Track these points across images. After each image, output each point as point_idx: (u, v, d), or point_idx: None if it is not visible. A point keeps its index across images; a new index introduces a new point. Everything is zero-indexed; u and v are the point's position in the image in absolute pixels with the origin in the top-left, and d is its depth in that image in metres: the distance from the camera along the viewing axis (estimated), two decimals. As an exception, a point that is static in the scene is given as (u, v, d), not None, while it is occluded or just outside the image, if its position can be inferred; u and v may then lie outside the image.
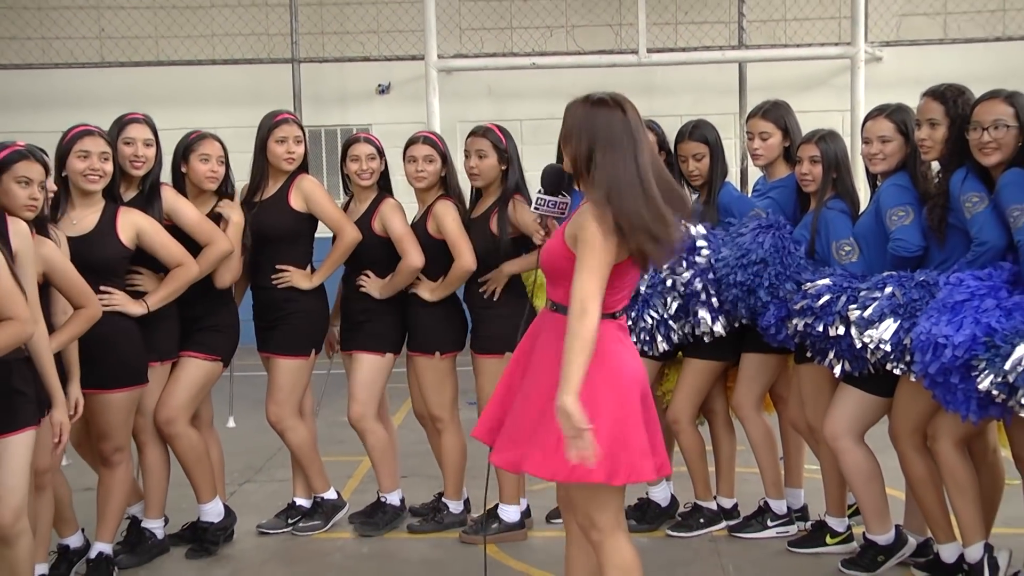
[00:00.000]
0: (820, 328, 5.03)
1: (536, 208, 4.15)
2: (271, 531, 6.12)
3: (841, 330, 4.94)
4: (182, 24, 13.28)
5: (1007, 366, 4.27)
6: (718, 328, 5.51)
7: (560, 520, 6.04)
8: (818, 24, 12.03)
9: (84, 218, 5.05)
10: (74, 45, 13.18)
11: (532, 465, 3.86)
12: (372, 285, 5.93)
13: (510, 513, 6.01)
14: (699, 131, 5.93)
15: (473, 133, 5.98)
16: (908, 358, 4.68)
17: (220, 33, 13.20)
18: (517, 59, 12.66)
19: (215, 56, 12.96)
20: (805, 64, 11.48)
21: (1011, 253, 4.62)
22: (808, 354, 5.28)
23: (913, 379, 4.70)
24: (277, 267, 5.87)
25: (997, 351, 4.32)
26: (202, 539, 5.88)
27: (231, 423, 6.12)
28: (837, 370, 5.08)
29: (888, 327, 4.75)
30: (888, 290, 4.81)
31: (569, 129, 3.88)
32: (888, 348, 4.74)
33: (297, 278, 5.85)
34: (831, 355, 5.09)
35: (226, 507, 5.99)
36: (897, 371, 4.79)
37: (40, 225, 4.55)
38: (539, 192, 4.16)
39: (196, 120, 6.02)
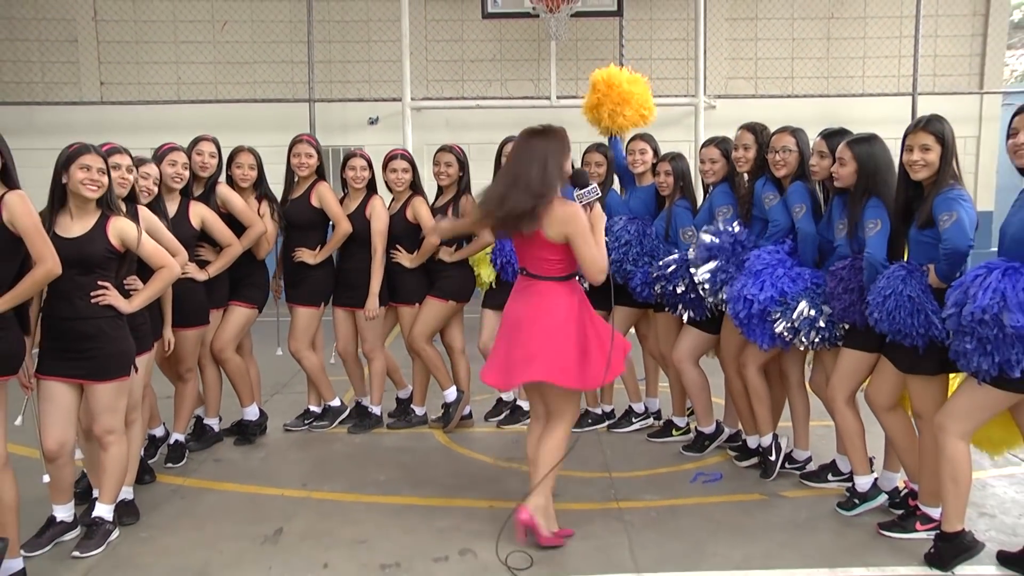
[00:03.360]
0: (671, 288, 5.20)
1: (580, 199, 4.04)
2: (293, 428, 6.19)
3: (683, 288, 5.16)
4: (234, 75, 13.20)
5: (794, 316, 4.48)
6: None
7: (495, 419, 6.26)
8: (674, 82, 12.19)
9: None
10: (160, 89, 13.12)
11: (539, 373, 3.99)
12: (403, 258, 5.93)
13: (449, 393, 6.12)
14: (602, 149, 5.98)
15: (441, 149, 6.02)
16: (723, 296, 4.90)
17: (260, 81, 13.15)
18: (466, 101, 12.75)
19: (256, 96, 12.85)
20: (665, 109, 11.57)
21: (791, 234, 4.78)
22: (666, 307, 5.45)
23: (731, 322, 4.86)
24: (293, 249, 5.90)
25: (787, 306, 4.52)
26: (244, 432, 5.97)
27: (279, 352, 6.11)
28: (685, 317, 5.27)
29: (708, 267, 4.95)
30: (707, 239, 4.99)
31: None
32: (708, 285, 4.94)
33: (306, 256, 5.86)
34: (680, 307, 5.27)
35: (261, 410, 6.08)
36: (709, 301, 5.04)
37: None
38: (575, 190, 4.09)
39: (242, 141, 5.99)
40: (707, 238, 5.00)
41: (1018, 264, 3.49)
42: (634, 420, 6.09)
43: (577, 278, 4.23)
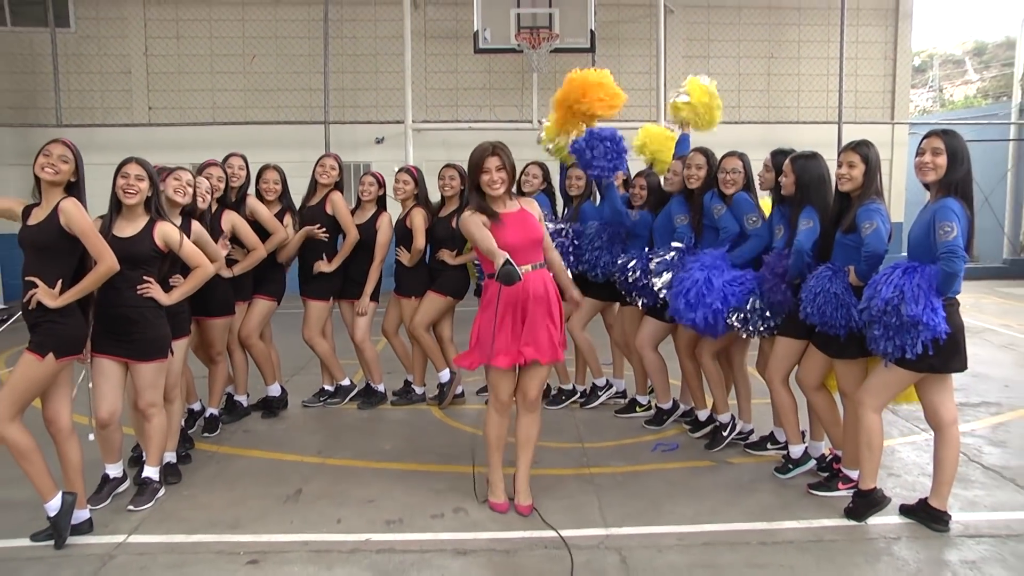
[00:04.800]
0: (623, 278, 5.32)
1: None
2: (310, 404, 6.19)
3: (634, 278, 5.24)
4: (262, 100, 13.19)
5: (747, 307, 4.55)
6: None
7: (486, 395, 6.16)
8: (638, 109, 12.21)
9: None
10: (198, 112, 13.10)
11: (536, 354, 3.94)
12: (403, 256, 5.94)
13: (443, 375, 6.11)
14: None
15: (447, 166, 5.98)
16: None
17: (283, 106, 13.11)
18: (460, 124, 12.74)
19: (279, 119, 12.85)
20: (631, 132, 11.63)
21: (742, 239, 4.83)
22: (625, 297, 5.49)
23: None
24: (309, 250, 5.87)
25: (738, 305, 4.57)
26: (269, 407, 5.98)
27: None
28: (640, 303, 5.32)
29: (665, 278, 4.99)
30: (671, 255, 5.03)
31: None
32: (664, 292, 4.97)
33: (323, 267, 5.83)
34: (634, 294, 5.32)
35: (282, 388, 6.08)
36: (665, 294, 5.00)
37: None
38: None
39: (269, 158, 6.04)
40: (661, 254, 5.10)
41: (916, 264, 3.64)
42: (600, 393, 6.08)
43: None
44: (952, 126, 4.24)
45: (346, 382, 6.26)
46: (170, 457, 4.60)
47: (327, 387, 6.26)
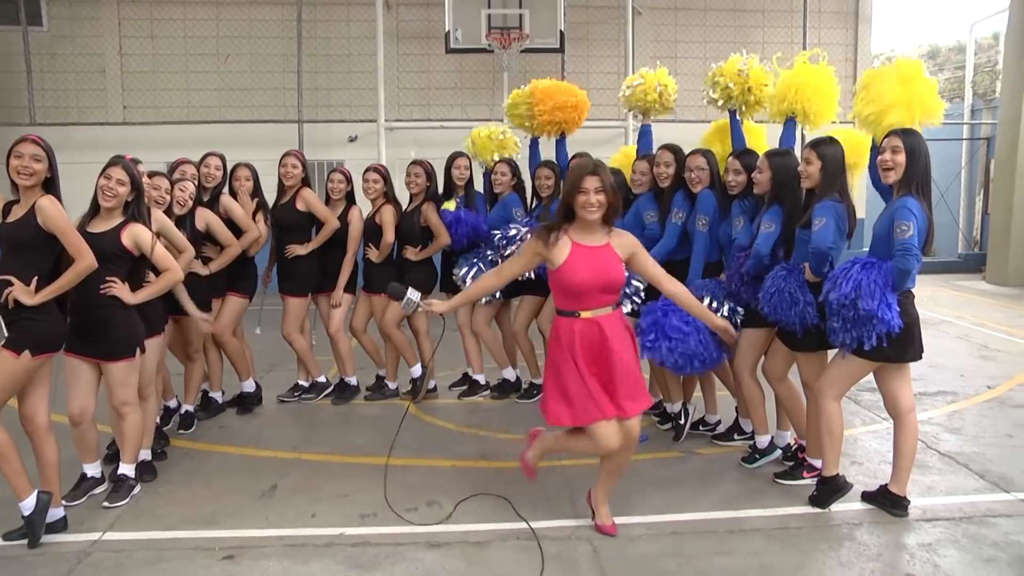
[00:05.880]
0: None
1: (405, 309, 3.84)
2: (285, 400, 6.14)
3: None
4: (236, 99, 13.02)
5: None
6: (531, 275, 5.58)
7: (459, 388, 6.22)
8: (607, 108, 12.13)
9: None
10: (173, 111, 12.95)
11: (637, 407, 3.55)
12: (372, 253, 5.89)
13: (415, 370, 6.07)
14: (550, 164, 5.94)
15: (412, 163, 5.96)
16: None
17: (257, 105, 12.96)
18: (431, 123, 12.67)
19: (253, 118, 12.71)
20: (599, 131, 11.66)
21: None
22: None
23: None
24: (286, 246, 5.83)
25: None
26: (244, 402, 5.92)
27: (257, 331, 6.05)
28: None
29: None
30: None
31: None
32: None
33: (297, 249, 5.79)
34: None
35: (256, 383, 6.03)
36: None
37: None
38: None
39: (244, 157, 5.96)
40: None
41: (875, 260, 3.70)
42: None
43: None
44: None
45: (322, 379, 6.22)
46: (145, 455, 4.53)
47: (302, 382, 6.20)
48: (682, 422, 5.12)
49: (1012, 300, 11.47)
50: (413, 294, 3.81)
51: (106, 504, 4.09)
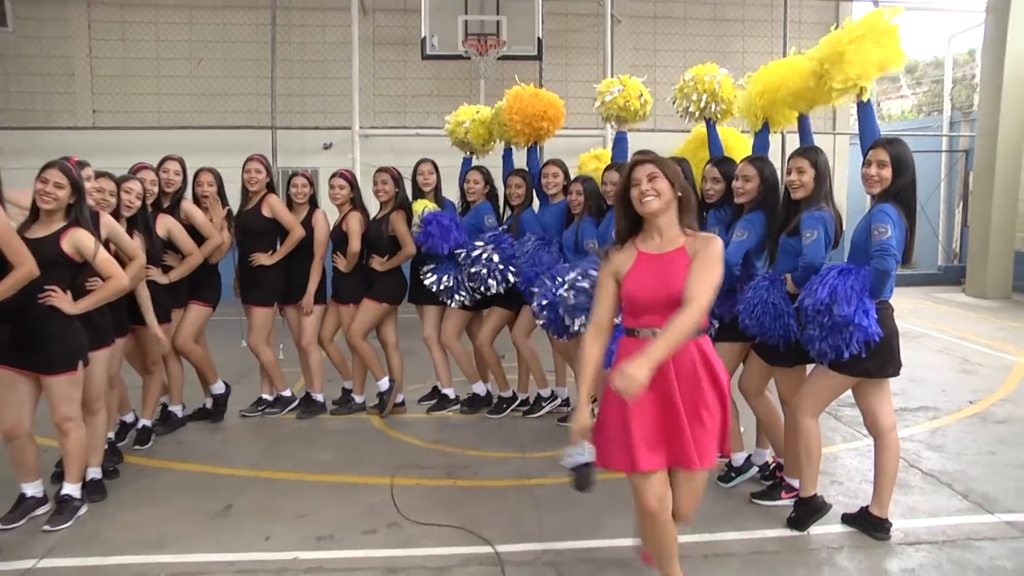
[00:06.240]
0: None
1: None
2: (248, 414, 5.91)
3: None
4: (208, 105, 12.80)
5: None
6: (500, 289, 5.48)
7: (428, 402, 6.05)
8: (585, 117, 11.97)
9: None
10: (144, 116, 12.69)
11: (696, 461, 2.81)
12: (339, 262, 5.72)
13: (382, 383, 5.87)
14: (521, 172, 5.79)
15: (379, 170, 5.80)
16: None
17: (230, 111, 12.72)
18: (407, 130, 12.48)
19: (226, 124, 12.46)
20: (577, 140, 11.51)
21: None
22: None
23: None
24: (249, 255, 5.64)
25: None
26: (218, 405, 5.80)
27: (243, 344, 5.86)
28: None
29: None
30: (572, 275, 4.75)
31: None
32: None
33: (262, 259, 5.60)
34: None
35: (225, 384, 5.86)
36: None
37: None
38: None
39: (215, 163, 5.83)
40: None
41: (852, 266, 3.61)
42: (544, 404, 5.91)
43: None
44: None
45: (287, 393, 6.00)
46: (95, 473, 4.30)
47: (266, 396, 5.98)
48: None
49: (992, 313, 11.44)
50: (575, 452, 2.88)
51: (47, 527, 3.85)
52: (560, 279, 4.79)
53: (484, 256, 5.44)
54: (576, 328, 4.74)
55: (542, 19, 11.46)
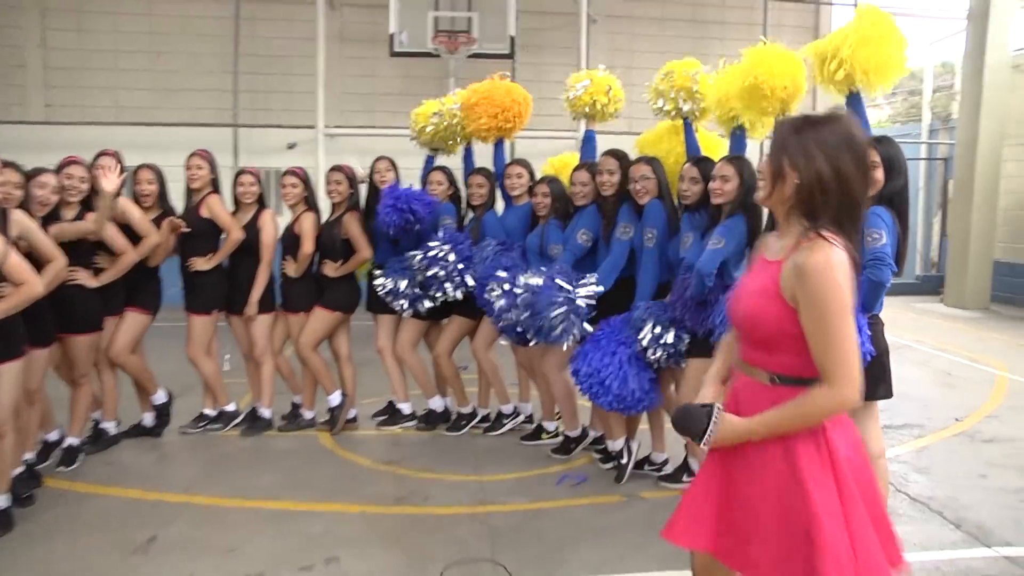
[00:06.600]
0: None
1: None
2: (189, 431, 5.47)
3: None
4: (170, 100, 12.34)
5: (640, 336, 4.25)
6: (458, 295, 5.13)
7: (381, 418, 5.66)
8: (559, 118, 11.69)
9: None
10: (100, 111, 12.20)
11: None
12: (289, 267, 5.34)
13: (333, 398, 5.46)
14: (483, 171, 5.47)
15: (332, 169, 5.47)
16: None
17: (193, 107, 12.26)
18: (375, 129, 12.06)
19: (186, 120, 12.00)
20: (551, 141, 11.21)
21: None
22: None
23: None
24: (187, 258, 5.24)
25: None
26: (159, 415, 5.44)
27: (227, 357, 5.61)
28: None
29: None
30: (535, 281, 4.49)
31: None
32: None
33: (198, 263, 5.21)
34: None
35: (168, 392, 5.50)
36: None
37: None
38: None
39: (175, 161, 5.61)
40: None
41: None
42: (505, 422, 5.54)
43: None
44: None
45: (231, 407, 5.57)
46: (1, 502, 3.87)
47: (208, 411, 5.55)
48: (624, 461, 4.59)
49: (972, 324, 11.22)
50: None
51: (-64, 566, 3.45)
52: (517, 281, 4.53)
53: (440, 256, 5.07)
54: (533, 340, 4.45)
55: (516, 16, 11.16)
